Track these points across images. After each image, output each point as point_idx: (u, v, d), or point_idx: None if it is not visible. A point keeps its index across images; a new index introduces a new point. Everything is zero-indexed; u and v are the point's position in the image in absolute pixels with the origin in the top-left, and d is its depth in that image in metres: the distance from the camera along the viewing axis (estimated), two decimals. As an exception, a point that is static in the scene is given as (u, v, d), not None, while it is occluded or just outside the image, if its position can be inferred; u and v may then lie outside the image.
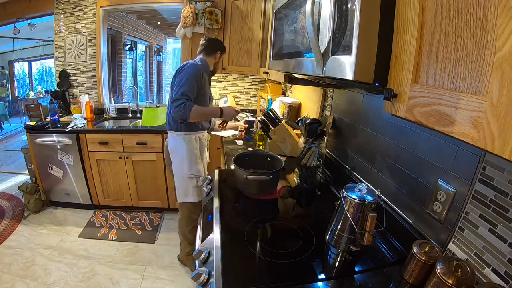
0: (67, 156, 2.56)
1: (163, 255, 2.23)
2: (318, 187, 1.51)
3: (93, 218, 2.67)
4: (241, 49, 2.65)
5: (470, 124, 0.45)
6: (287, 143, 1.81)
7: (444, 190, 0.84)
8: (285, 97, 2.59)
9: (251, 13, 2.52)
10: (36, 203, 2.67)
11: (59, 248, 2.24)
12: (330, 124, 1.63)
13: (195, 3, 2.59)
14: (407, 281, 0.79)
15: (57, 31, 2.97)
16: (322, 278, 0.84)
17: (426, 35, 0.55)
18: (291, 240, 1.00)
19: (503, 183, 0.68)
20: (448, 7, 0.50)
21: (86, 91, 3.08)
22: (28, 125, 2.58)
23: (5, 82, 6.85)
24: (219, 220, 1.06)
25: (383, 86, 0.67)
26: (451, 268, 0.67)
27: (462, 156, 0.79)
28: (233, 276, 0.80)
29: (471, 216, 0.76)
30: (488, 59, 0.42)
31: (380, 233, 0.99)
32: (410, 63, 0.59)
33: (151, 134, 2.53)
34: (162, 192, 2.73)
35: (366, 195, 0.88)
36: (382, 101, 0.68)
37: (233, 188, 1.35)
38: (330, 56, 0.73)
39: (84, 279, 1.95)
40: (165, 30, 6.44)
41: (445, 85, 0.51)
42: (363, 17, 0.60)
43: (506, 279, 0.66)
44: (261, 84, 3.29)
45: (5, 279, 1.90)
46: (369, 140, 1.27)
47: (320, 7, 0.78)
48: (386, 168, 1.14)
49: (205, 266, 0.86)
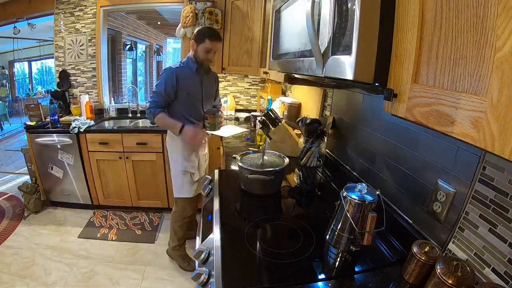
0: (67, 155, 2.56)
1: (163, 255, 2.23)
2: (318, 187, 1.51)
3: (93, 218, 2.67)
4: (241, 49, 2.64)
5: (470, 124, 0.45)
6: (287, 143, 1.81)
7: (444, 190, 0.84)
8: (285, 97, 2.59)
9: (251, 13, 2.52)
10: (36, 203, 2.67)
11: (59, 248, 2.24)
12: (330, 124, 1.64)
13: (195, 3, 2.59)
14: (407, 281, 0.79)
15: (57, 31, 2.97)
16: (322, 278, 0.84)
17: (426, 35, 0.55)
18: (291, 240, 1.00)
19: (503, 183, 0.68)
20: (448, 7, 0.50)
21: (86, 91, 3.08)
22: (28, 125, 2.58)
23: (5, 82, 6.85)
24: (219, 220, 1.06)
25: (383, 86, 0.67)
26: (451, 268, 0.67)
27: (462, 156, 0.79)
28: (233, 276, 0.80)
29: (471, 216, 0.76)
30: (488, 59, 0.42)
31: (380, 233, 0.99)
32: (410, 63, 0.59)
33: (151, 134, 2.53)
34: (162, 192, 2.73)
35: (366, 195, 0.88)
36: (382, 101, 0.68)
37: (233, 188, 1.35)
38: (330, 56, 0.73)
39: (84, 279, 1.95)
40: (165, 30, 6.44)
41: (445, 85, 0.51)
42: (363, 17, 0.60)
43: (506, 279, 0.66)
44: (261, 84, 3.29)
45: (5, 279, 1.90)
46: (369, 140, 1.27)
47: (320, 7, 0.78)
48: (386, 168, 1.14)
49: (205, 266, 0.86)
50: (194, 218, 2.15)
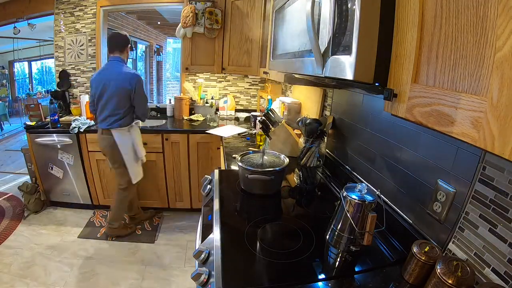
0: (67, 155, 2.56)
1: (163, 255, 2.23)
2: (318, 187, 1.51)
3: (93, 218, 2.67)
4: (241, 49, 2.65)
5: (470, 124, 0.45)
6: (287, 143, 1.81)
7: (444, 190, 0.84)
8: (285, 97, 2.59)
9: (251, 13, 2.52)
10: (36, 203, 2.67)
11: (59, 248, 2.24)
12: (330, 124, 1.63)
13: (195, 3, 2.59)
14: (407, 281, 0.79)
15: (57, 31, 2.97)
16: (322, 278, 0.84)
17: (426, 35, 0.55)
18: (291, 240, 1.00)
19: (503, 183, 0.68)
20: (448, 7, 0.50)
21: (86, 91, 3.08)
22: (28, 125, 2.58)
23: (5, 82, 6.85)
24: (219, 220, 1.06)
25: (383, 86, 0.67)
26: (451, 268, 0.67)
27: (462, 156, 0.79)
28: (233, 276, 0.80)
29: (471, 216, 0.76)
30: (488, 59, 0.42)
31: (380, 233, 0.99)
32: (410, 63, 0.59)
33: (151, 134, 2.54)
34: (162, 192, 2.73)
35: (366, 195, 0.88)
36: (382, 101, 0.68)
37: (233, 188, 1.35)
38: (330, 56, 0.73)
39: (84, 279, 1.95)
40: (165, 30, 6.44)
41: (445, 85, 0.51)
42: (363, 17, 0.60)
43: (506, 279, 0.66)
44: (261, 84, 3.29)
45: (5, 279, 1.90)
46: (369, 140, 1.27)
47: (320, 7, 0.78)
48: (386, 168, 1.14)
49: (205, 266, 0.86)
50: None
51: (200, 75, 3.20)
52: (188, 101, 3.05)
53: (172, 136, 2.56)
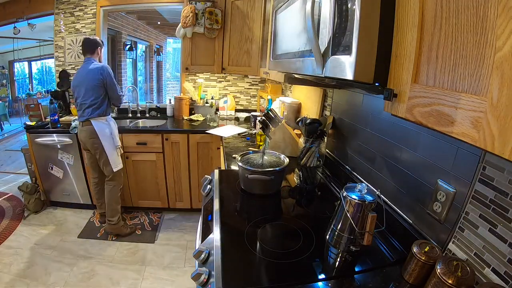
0: (67, 155, 2.56)
1: (163, 255, 2.23)
2: (318, 187, 1.51)
3: (93, 218, 2.67)
4: (241, 49, 2.64)
5: (470, 124, 0.45)
6: (287, 143, 1.81)
7: (444, 190, 0.84)
8: (285, 97, 2.59)
9: (251, 13, 2.52)
10: (36, 203, 2.67)
11: (59, 248, 2.24)
12: (330, 124, 1.63)
13: (195, 3, 2.59)
14: (407, 281, 0.79)
15: (57, 31, 2.97)
16: (322, 278, 0.84)
17: (426, 35, 0.55)
18: (291, 240, 1.00)
19: (503, 183, 0.68)
20: (448, 7, 0.50)
21: (86, 91, 3.07)
22: (28, 125, 2.58)
23: (5, 82, 6.85)
24: (219, 220, 1.06)
25: (383, 86, 0.67)
26: (451, 268, 0.67)
27: (462, 156, 0.79)
28: (233, 276, 0.80)
29: (471, 216, 0.76)
30: (488, 59, 0.42)
31: (380, 233, 0.99)
32: (410, 63, 0.59)
33: (151, 134, 2.54)
34: (162, 192, 2.73)
35: (366, 195, 0.88)
36: (382, 101, 0.68)
37: (233, 188, 1.35)
38: (330, 56, 0.73)
39: (84, 279, 1.95)
40: (165, 30, 6.44)
41: (445, 85, 0.51)
42: (363, 17, 0.60)
43: (506, 279, 0.66)
44: (261, 84, 3.29)
45: (5, 279, 1.90)
46: (369, 140, 1.27)
47: (320, 7, 0.78)
48: (386, 168, 1.14)
49: (205, 266, 0.86)
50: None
51: (200, 75, 3.20)
52: (188, 101, 3.06)
53: (172, 136, 2.56)
